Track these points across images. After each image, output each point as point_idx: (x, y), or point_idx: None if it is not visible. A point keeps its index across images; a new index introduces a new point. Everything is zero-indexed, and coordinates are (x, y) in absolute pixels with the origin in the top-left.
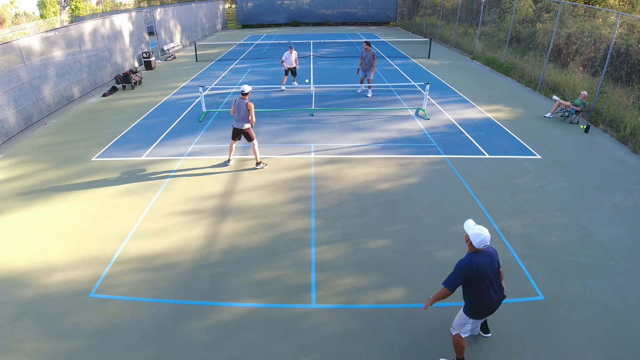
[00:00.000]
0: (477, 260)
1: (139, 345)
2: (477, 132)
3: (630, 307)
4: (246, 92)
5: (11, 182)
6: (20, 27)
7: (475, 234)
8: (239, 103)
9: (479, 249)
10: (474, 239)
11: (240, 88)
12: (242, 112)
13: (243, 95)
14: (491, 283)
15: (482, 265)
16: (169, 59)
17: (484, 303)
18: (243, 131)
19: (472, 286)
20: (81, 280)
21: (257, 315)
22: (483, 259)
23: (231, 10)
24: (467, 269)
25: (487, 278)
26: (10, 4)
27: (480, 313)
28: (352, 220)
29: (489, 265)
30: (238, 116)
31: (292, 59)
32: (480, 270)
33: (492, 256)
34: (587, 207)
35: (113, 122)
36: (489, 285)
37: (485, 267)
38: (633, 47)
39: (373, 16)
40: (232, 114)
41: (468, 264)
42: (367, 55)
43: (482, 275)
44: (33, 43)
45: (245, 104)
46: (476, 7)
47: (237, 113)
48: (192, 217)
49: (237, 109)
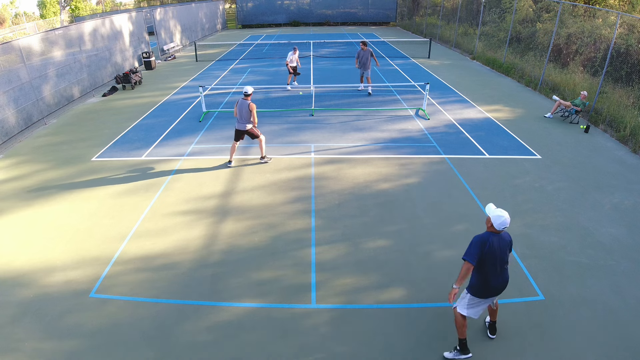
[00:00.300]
0: (491, 239)
1: (139, 345)
2: (477, 132)
3: (630, 307)
4: (249, 94)
5: (11, 182)
6: (20, 27)
7: (497, 216)
8: (241, 104)
9: (498, 231)
10: (495, 221)
11: (244, 89)
12: (244, 113)
13: (245, 97)
14: (495, 265)
15: (493, 246)
16: (169, 59)
17: (485, 283)
18: (246, 132)
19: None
20: (81, 280)
21: (257, 315)
22: (496, 240)
23: (231, 10)
24: (484, 243)
25: (493, 259)
26: (10, 4)
27: (479, 291)
28: (352, 220)
29: (498, 248)
30: (240, 117)
31: (295, 59)
32: (492, 249)
33: (506, 241)
34: (587, 207)
35: (113, 122)
36: (493, 266)
37: (495, 249)
38: (633, 47)
39: (373, 16)
40: (235, 115)
41: (486, 238)
42: (363, 55)
43: (490, 255)
44: (33, 43)
45: (247, 105)
46: (476, 7)
47: (239, 114)
48: (192, 217)
49: (239, 110)
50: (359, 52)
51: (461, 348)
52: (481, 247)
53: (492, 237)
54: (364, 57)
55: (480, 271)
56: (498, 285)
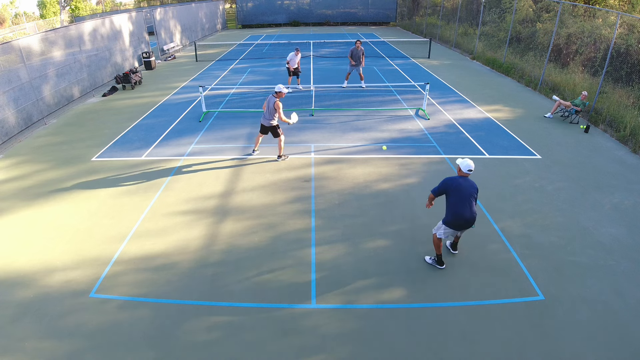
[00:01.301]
0: (459, 179)
1: (139, 345)
2: (477, 132)
3: (630, 307)
4: (279, 92)
5: (11, 182)
6: (20, 27)
7: (463, 161)
8: (268, 100)
9: (465, 173)
10: (461, 164)
11: (276, 87)
12: (270, 109)
13: (276, 94)
14: (464, 202)
15: (461, 184)
16: (169, 59)
17: (457, 216)
18: (269, 127)
19: (451, 198)
20: (81, 280)
21: (257, 315)
22: (464, 181)
23: (231, 10)
24: (450, 182)
25: (462, 195)
26: (10, 4)
27: (453, 224)
28: (352, 220)
29: (466, 187)
30: (266, 112)
31: (297, 60)
32: (459, 186)
33: (472, 184)
34: (587, 207)
35: (113, 122)
36: (463, 202)
37: (462, 186)
38: (633, 47)
39: (373, 16)
40: (263, 109)
41: (451, 179)
42: (358, 53)
43: (459, 191)
44: (33, 43)
45: (273, 103)
46: (476, 7)
47: (266, 109)
48: (192, 217)
49: (267, 105)
50: (352, 49)
51: (438, 260)
52: (447, 184)
53: (460, 179)
54: (358, 55)
55: (452, 208)
56: (467, 218)
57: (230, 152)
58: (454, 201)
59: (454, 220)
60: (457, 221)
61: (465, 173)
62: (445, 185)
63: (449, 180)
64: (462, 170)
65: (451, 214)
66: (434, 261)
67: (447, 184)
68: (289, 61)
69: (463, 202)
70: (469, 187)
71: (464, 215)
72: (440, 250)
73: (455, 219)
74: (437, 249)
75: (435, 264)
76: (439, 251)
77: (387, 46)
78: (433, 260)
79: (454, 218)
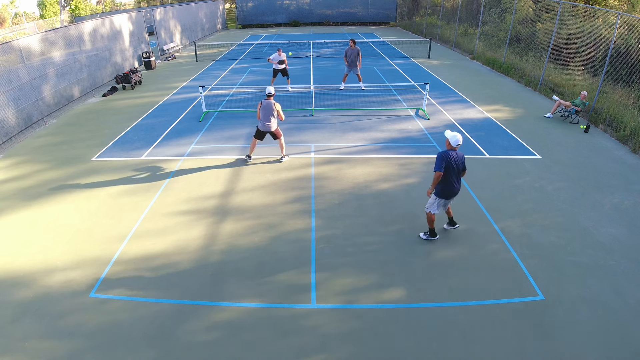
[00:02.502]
0: (451, 153)
1: (139, 345)
2: (477, 132)
3: (630, 307)
4: (272, 94)
5: (11, 182)
6: (20, 27)
7: (452, 136)
8: (265, 105)
9: (454, 147)
10: (451, 139)
11: (266, 90)
12: (270, 112)
13: (269, 97)
14: (454, 174)
15: (452, 158)
16: (169, 59)
17: (447, 186)
18: (270, 132)
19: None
20: (81, 280)
21: (257, 315)
22: (454, 154)
23: (231, 10)
24: (445, 156)
25: (453, 168)
26: (10, 4)
27: (444, 194)
28: (352, 220)
29: (455, 160)
30: (265, 117)
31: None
32: (451, 161)
33: (461, 157)
34: (587, 207)
35: (113, 122)
36: (454, 174)
37: (453, 160)
38: (633, 47)
39: (373, 16)
40: (259, 119)
41: (445, 153)
42: (352, 53)
43: (451, 165)
44: (33, 43)
45: (273, 105)
46: (476, 7)
47: (264, 115)
48: (192, 217)
49: (265, 111)
50: (347, 50)
51: (431, 233)
52: (444, 159)
53: (451, 152)
54: (352, 55)
55: (444, 179)
56: (456, 187)
57: (230, 152)
58: (446, 173)
59: (445, 190)
60: (447, 191)
61: (454, 147)
62: (443, 160)
63: (444, 154)
64: (452, 144)
65: (443, 185)
66: (428, 235)
67: (445, 158)
68: (271, 59)
69: (452, 174)
70: (459, 160)
71: (454, 185)
72: (433, 225)
73: (446, 189)
74: (431, 223)
75: (429, 237)
76: (432, 225)
77: (387, 46)
78: (427, 234)
79: (445, 188)
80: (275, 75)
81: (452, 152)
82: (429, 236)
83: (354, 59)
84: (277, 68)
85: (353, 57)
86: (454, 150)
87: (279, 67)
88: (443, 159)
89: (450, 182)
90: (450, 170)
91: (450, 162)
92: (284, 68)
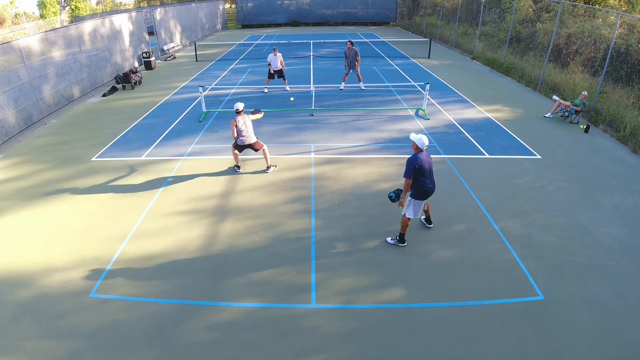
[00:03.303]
0: (419, 157)
1: (139, 345)
2: (477, 132)
3: (630, 307)
4: (240, 110)
5: (11, 182)
6: (20, 27)
7: (419, 139)
8: (241, 120)
9: (421, 149)
10: (418, 142)
11: (235, 107)
12: (250, 128)
13: (239, 114)
14: (427, 175)
15: (423, 161)
16: (169, 59)
17: (422, 189)
18: (250, 145)
19: (416, 176)
20: (81, 280)
21: (257, 315)
22: (423, 157)
23: (231, 10)
24: (415, 162)
25: (425, 171)
26: (10, 4)
27: (419, 195)
28: (352, 220)
29: (426, 162)
30: (246, 131)
31: (278, 62)
32: (422, 164)
33: (429, 157)
34: (587, 207)
35: (113, 122)
36: (426, 176)
37: (424, 163)
38: (633, 47)
39: (373, 16)
40: (235, 137)
41: (415, 158)
42: (350, 54)
43: (423, 168)
44: (33, 43)
45: (245, 119)
46: (476, 7)
47: (238, 132)
48: (192, 217)
49: (246, 124)
50: (345, 50)
51: (400, 239)
52: (414, 164)
53: (419, 155)
54: (350, 56)
55: (418, 181)
56: (431, 188)
57: (230, 152)
58: (418, 176)
59: (420, 192)
60: (422, 192)
61: (422, 149)
62: (412, 165)
63: (413, 160)
64: (419, 146)
65: (417, 187)
66: (397, 240)
67: (414, 163)
68: (270, 63)
69: (426, 175)
70: (429, 161)
71: (428, 186)
72: (405, 230)
73: (421, 191)
74: (404, 229)
75: (397, 243)
76: (404, 231)
77: (387, 46)
78: (395, 239)
79: (421, 190)
80: (272, 77)
81: (420, 154)
82: (398, 242)
83: (352, 60)
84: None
85: (351, 59)
86: (421, 152)
87: (277, 68)
88: (413, 165)
89: (423, 183)
90: (422, 172)
91: (422, 165)
92: (280, 70)
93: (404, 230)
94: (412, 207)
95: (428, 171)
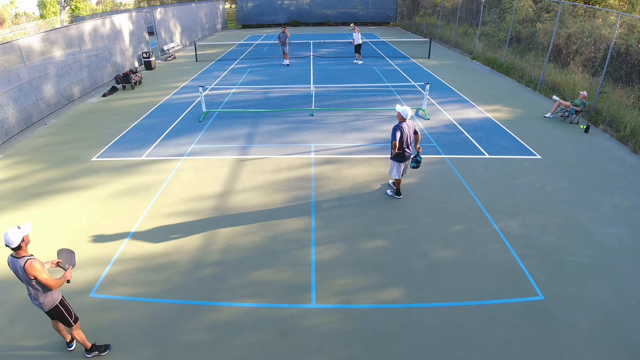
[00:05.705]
0: (402, 124)
1: (139, 345)
2: (477, 132)
3: (630, 307)
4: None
5: (11, 182)
6: (20, 27)
7: (403, 110)
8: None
9: (405, 119)
10: (402, 112)
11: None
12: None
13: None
14: (406, 142)
15: (404, 129)
16: (169, 59)
17: (402, 153)
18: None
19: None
20: (81, 280)
21: (257, 315)
22: (405, 125)
23: (231, 10)
24: (400, 128)
25: (405, 137)
26: (10, 4)
27: (398, 158)
28: (352, 220)
29: (407, 130)
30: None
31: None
32: (403, 130)
33: (411, 125)
34: (587, 207)
35: (113, 122)
36: (405, 142)
37: (405, 130)
38: (633, 47)
39: (373, 16)
40: None
41: (399, 125)
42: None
43: (403, 133)
44: (33, 43)
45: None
46: (476, 7)
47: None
48: (192, 217)
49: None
50: None
51: (397, 192)
52: (399, 130)
53: (402, 124)
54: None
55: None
56: (408, 154)
57: (230, 152)
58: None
59: (398, 155)
60: (400, 156)
61: (405, 119)
62: (397, 131)
63: (397, 126)
64: (403, 116)
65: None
66: (394, 192)
67: (399, 130)
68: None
69: (404, 142)
70: (409, 130)
71: (405, 151)
72: (399, 187)
73: (399, 155)
74: (397, 185)
75: (394, 195)
76: (398, 187)
77: (387, 46)
78: (392, 191)
79: (401, 154)
80: None
81: (403, 123)
82: (395, 194)
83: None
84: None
85: None
86: (404, 121)
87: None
88: (398, 130)
89: (402, 148)
90: (403, 139)
91: (402, 132)
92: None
93: (399, 186)
94: (395, 168)
95: (406, 138)
